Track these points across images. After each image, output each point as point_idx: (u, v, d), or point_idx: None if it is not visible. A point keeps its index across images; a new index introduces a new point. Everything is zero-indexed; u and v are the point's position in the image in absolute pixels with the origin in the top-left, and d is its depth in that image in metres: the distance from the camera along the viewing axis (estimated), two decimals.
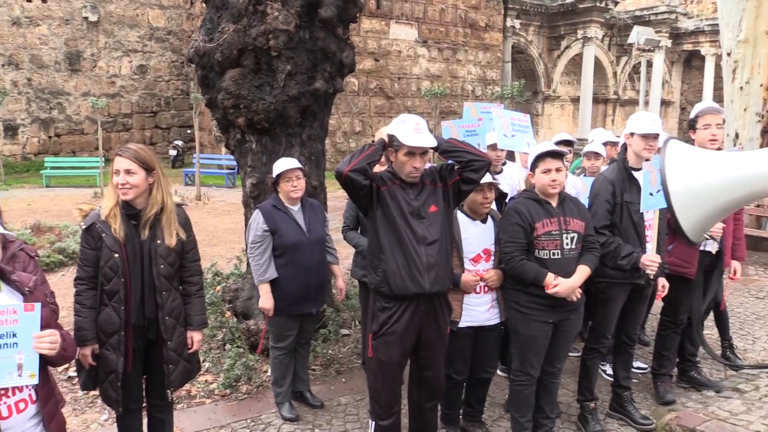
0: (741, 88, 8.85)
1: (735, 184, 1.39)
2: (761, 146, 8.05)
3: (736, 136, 8.79)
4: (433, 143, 3.23)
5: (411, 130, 3.19)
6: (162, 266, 3.10)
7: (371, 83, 20.50)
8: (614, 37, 26.81)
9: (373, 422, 3.51)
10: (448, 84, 21.67)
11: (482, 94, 22.47)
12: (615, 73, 27.62)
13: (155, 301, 3.12)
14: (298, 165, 4.13)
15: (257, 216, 4.10)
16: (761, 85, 8.69)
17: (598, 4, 24.31)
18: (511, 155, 4.57)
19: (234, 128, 5.18)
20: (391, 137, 3.24)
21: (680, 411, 4.23)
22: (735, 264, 4.59)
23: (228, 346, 5.10)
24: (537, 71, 25.65)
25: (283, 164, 4.09)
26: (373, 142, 3.34)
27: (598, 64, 25.88)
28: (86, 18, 20.77)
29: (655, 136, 3.79)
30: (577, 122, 25.45)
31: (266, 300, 4.06)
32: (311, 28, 5.06)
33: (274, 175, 4.10)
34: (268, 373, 4.54)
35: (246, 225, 4.90)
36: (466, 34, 22.51)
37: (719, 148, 4.14)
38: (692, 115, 4.20)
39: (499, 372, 4.64)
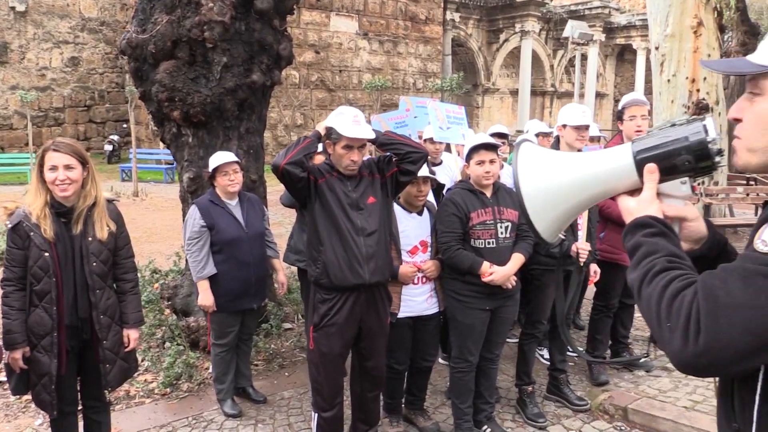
0: (668, 80, 9.20)
1: (586, 183, 1.40)
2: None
3: None
4: (372, 135, 3.26)
5: (349, 122, 3.21)
6: (94, 264, 3.02)
7: (312, 76, 20.36)
8: (551, 31, 27.45)
9: (316, 414, 3.52)
10: (389, 77, 21.73)
11: (423, 86, 22.64)
12: (552, 66, 28.29)
13: (88, 300, 3.03)
14: (235, 158, 4.08)
15: (193, 211, 4.03)
16: (687, 78, 9.05)
17: None
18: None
19: (169, 122, 5.08)
20: (330, 129, 3.25)
21: (613, 391, 4.42)
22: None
23: (168, 344, 5.01)
24: (477, 64, 26.03)
25: (219, 158, 4.03)
26: (307, 135, 3.34)
27: (535, 58, 26.48)
28: (13, 8, 19.85)
29: (586, 127, 3.92)
30: (516, 114, 25.98)
31: (206, 297, 4.00)
32: (247, 20, 4.99)
33: (210, 170, 4.04)
34: (210, 370, 4.49)
35: (184, 220, 4.82)
36: (407, 27, 22.61)
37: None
38: (619, 107, 4.37)
39: (440, 360, 4.72)
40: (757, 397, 1.19)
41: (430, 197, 4.09)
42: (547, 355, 4.66)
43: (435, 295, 3.77)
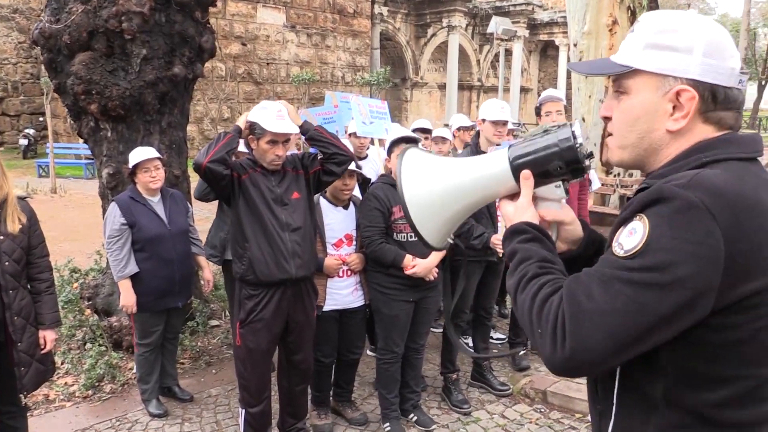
0: (586, 76, 9.58)
1: (467, 189, 1.42)
2: (603, 130, 8.78)
3: (583, 120, 9.53)
4: (295, 129, 3.27)
5: (273, 116, 3.20)
6: (7, 263, 2.91)
7: (239, 68, 20.01)
8: (477, 26, 27.98)
9: (244, 410, 3.52)
10: (317, 70, 21.63)
11: (352, 80, 22.64)
12: (478, 61, 28.86)
13: (1, 301, 2.92)
14: (156, 154, 4.00)
15: (113, 209, 3.93)
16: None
17: None
18: None
19: (87, 115, 4.91)
20: (253, 124, 3.23)
21: (533, 375, 4.60)
22: None
23: (89, 345, 4.86)
24: (405, 58, 26.25)
25: (139, 154, 3.94)
26: (227, 130, 3.31)
27: (462, 52, 26.94)
28: None
29: (504, 123, 4.06)
30: (444, 108, 26.37)
31: (128, 296, 3.91)
32: (168, 11, 4.88)
33: (130, 166, 3.95)
34: (134, 371, 4.40)
35: (104, 218, 4.69)
36: (335, 20, 22.54)
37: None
38: (537, 103, 4.54)
39: (368, 352, 4.79)
40: (616, 383, 1.26)
41: (357, 192, 4.14)
42: (471, 343, 4.80)
43: (360, 288, 3.82)
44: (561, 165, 1.34)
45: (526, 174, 1.35)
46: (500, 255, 4.02)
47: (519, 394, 4.41)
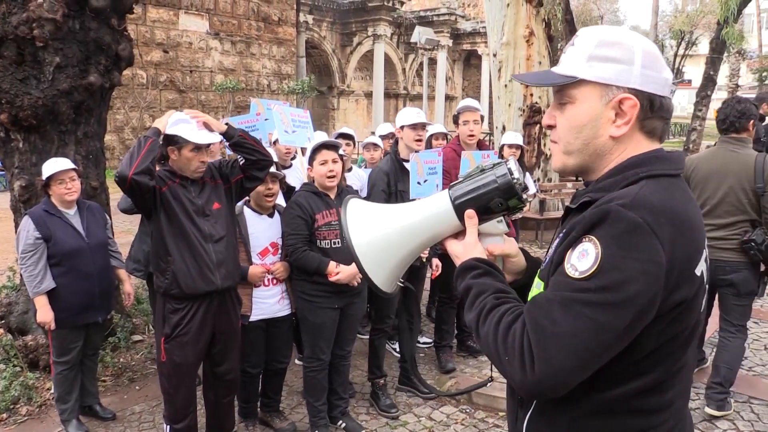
0: (505, 85, 9.91)
1: (413, 231, 1.46)
2: (523, 137, 9.10)
3: (503, 128, 9.84)
4: (217, 139, 3.27)
5: (194, 126, 3.19)
6: None
7: (161, 76, 19.51)
8: (402, 36, 28.36)
9: (168, 426, 3.46)
10: (242, 78, 21.37)
11: (278, 88, 22.47)
12: (404, 70, 29.25)
13: None
14: (71, 165, 3.88)
15: (27, 223, 3.78)
16: (522, 84, 9.80)
17: (386, 4, 25.61)
18: None
19: None
20: (172, 137, 3.19)
21: (459, 376, 4.72)
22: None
23: (2, 366, 4.64)
24: (331, 66, 26.30)
25: (53, 165, 3.81)
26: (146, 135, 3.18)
27: (388, 61, 27.25)
28: None
29: (423, 126, 4.16)
30: (371, 116, 26.56)
31: (44, 313, 3.76)
32: (82, 18, 4.74)
33: (43, 178, 3.81)
34: (52, 391, 4.23)
35: (16, 232, 4.49)
36: (260, 28, 22.34)
37: (478, 141, 4.66)
38: (455, 112, 4.68)
39: (296, 361, 4.79)
40: None
41: (281, 200, 4.15)
42: (398, 348, 4.88)
43: (287, 297, 3.83)
44: (501, 201, 1.41)
45: (469, 213, 1.42)
46: (423, 260, 4.12)
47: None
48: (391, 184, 4.09)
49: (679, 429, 1.36)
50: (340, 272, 3.57)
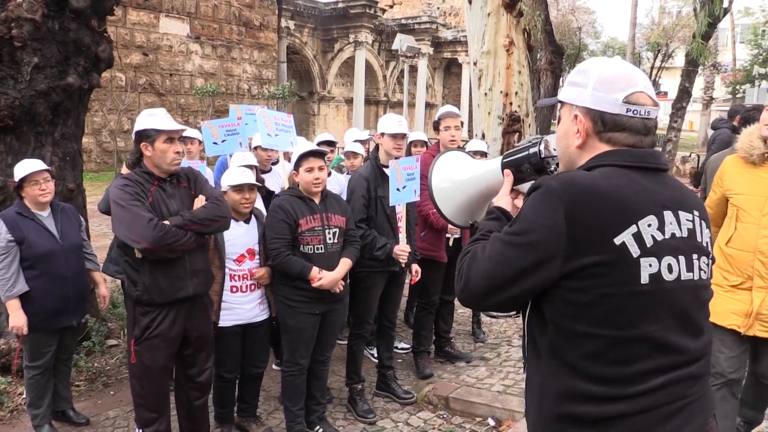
0: (485, 94, 9.97)
1: (475, 180, 1.95)
2: (502, 145, 9.18)
3: (483, 136, 9.90)
4: (186, 128, 3.23)
5: (164, 118, 3.19)
6: None
7: (140, 79, 19.34)
8: (383, 43, 28.46)
9: (140, 430, 3.42)
10: (223, 82, 21.26)
11: (258, 93, 22.39)
12: (385, 77, 29.34)
13: None
14: (44, 166, 3.82)
15: None
16: (501, 92, 9.87)
17: (367, 11, 25.69)
18: None
19: None
20: (143, 131, 3.16)
21: (436, 382, 4.74)
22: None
23: None
24: (312, 72, 26.29)
25: (27, 166, 3.76)
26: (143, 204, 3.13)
27: (369, 68, 27.32)
28: None
29: (403, 136, 4.18)
30: (351, 122, 26.57)
31: (17, 317, 3.70)
32: (62, 19, 4.70)
33: (16, 179, 3.75)
34: (23, 396, 4.16)
35: None
36: (241, 33, 22.27)
37: (459, 146, 4.69)
38: (436, 118, 4.70)
39: (274, 366, 4.77)
40: (525, 338, 1.64)
41: (261, 205, 4.13)
42: (376, 354, 4.88)
43: (265, 301, 3.82)
44: (529, 167, 1.77)
45: (507, 172, 1.80)
46: (402, 265, 4.13)
47: (423, 401, 4.52)
48: (371, 190, 4.10)
49: (663, 414, 1.43)
50: (323, 278, 3.57)
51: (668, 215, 1.49)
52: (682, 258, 1.48)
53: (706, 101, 33.29)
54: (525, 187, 1.78)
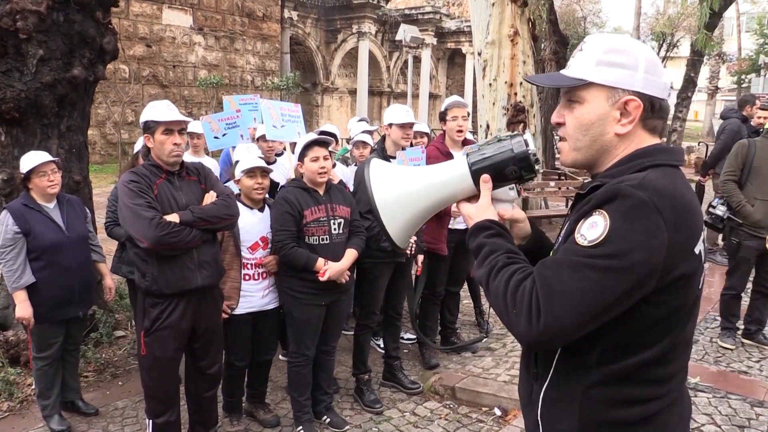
0: (490, 84, 9.93)
1: (430, 190, 1.60)
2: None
3: (488, 126, 9.89)
4: (189, 120, 3.23)
5: (164, 109, 3.20)
6: None
7: (144, 70, 19.32)
8: (386, 33, 28.34)
9: (151, 421, 3.45)
10: (226, 73, 21.22)
11: (261, 84, 22.35)
12: (388, 67, 29.24)
13: None
14: (51, 158, 3.84)
15: (5, 217, 3.73)
16: (506, 82, 9.83)
17: (371, 1, 25.59)
18: None
19: None
20: (145, 123, 3.19)
21: (443, 372, 4.75)
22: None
23: None
24: (316, 63, 26.21)
25: (34, 158, 3.77)
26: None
27: (372, 58, 27.21)
28: None
29: (411, 125, 4.18)
30: (355, 113, 26.51)
31: (24, 308, 3.73)
32: (66, 11, 4.70)
33: (23, 171, 3.77)
34: (33, 386, 4.19)
35: None
36: (244, 24, 22.20)
37: (465, 137, 4.68)
38: (442, 108, 4.69)
39: (281, 357, 4.79)
40: (558, 350, 1.47)
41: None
42: (382, 344, 4.90)
43: (274, 290, 3.84)
44: (515, 169, 1.54)
45: (485, 177, 1.56)
46: (408, 256, 4.14)
47: (429, 391, 4.54)
48: None
49: (679, 401, 1.48)
50: (328, 269, 3.57)
51: None
52: None
53: (711, 91, 33.11)
54: (501, 193, 1.61)
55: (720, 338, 5.35)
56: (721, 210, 5.21)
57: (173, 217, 3.12)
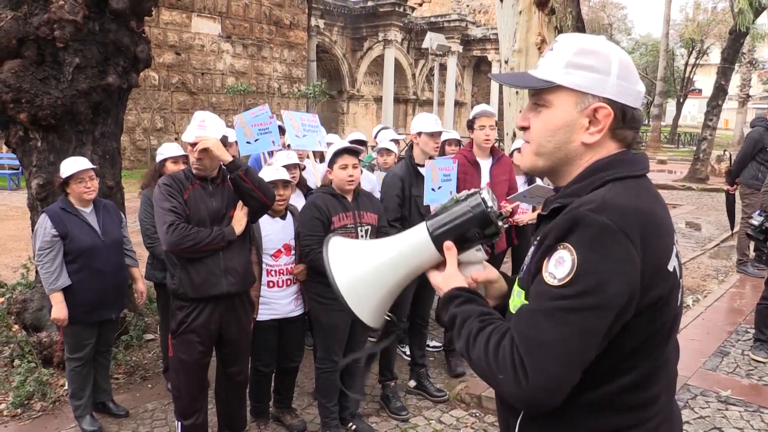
0: (516, 92, 9.89)
1: (394, 264, 1.47)
2: None
3: (514, 135, 9.85)
4: (214, 135, 3.25)
5: (195, 126, 3.28)
6: None
7: (173, 78, 19.64)
8: (412, 41, 28.45)
9: (179, 423, 3.50)
10: (253, 81, 21.48)
11: (288, 92, 22.57)
12: (414, 75, 29.32)
13: None
14: (90, 165, 3.94)
15: (44, 220, 3.84)
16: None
17: (397, 9, 25.71)
18: None
19: (15, 124, 4.76)
20: None
21: (469, 381, 4.73)
22: None
23: (17, 362, 4.70)
24: (342, 71, 26.39)
25: (73, 165, 3.86)
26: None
27: (398, 66, 27.33)
28: None
29: (440, 134, 4.20)
30: (380, 120, 26.60)
31: (59, 310, 3.81)
32: (102, 20, 4.82)
33: (63, 176, 3.86)
34: (65, 387, 4.28)
35: (33, 230, 4.55)
36: (271, 32, 22.46)
37: (493, 146, 4.68)
38: (470, 117, 4.70)
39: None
40: None
41: (297, 201, 4.18)
42: (408, 351, 4.90)
43: (301, 297, 3.87)
44: (477, 231, 1.43)
45: (448, 244, 1.43)
46: None
47: (455, 399, 4.52)
48: (405, 189, 4.12)
49: (666, 426, 1.38)
50: None
51: None
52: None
53: (742, 99, 32.60)
54: (469, 256, 1.49)
55: (752, 351, 5.26)
56: (757, 220, 5.20)
57: (226, 156, 3.22)
